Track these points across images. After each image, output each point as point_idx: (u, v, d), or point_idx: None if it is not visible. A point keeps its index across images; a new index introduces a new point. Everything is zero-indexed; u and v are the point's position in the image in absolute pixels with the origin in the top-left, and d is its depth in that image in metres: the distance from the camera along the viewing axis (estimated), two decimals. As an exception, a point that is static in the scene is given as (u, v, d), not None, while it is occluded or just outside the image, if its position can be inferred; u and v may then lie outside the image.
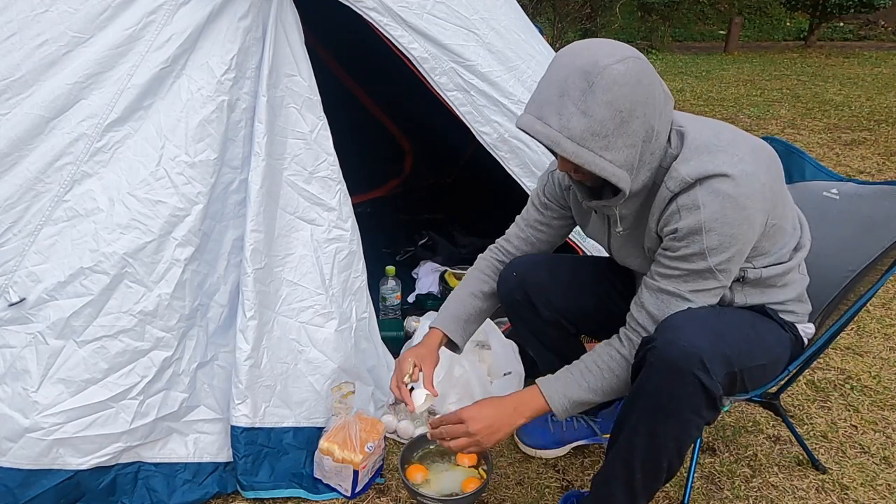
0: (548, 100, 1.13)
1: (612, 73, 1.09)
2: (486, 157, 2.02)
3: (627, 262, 1.44)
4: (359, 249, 1.82)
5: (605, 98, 1.09)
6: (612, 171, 1.14)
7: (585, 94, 1.09)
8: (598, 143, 1.12)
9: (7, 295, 1.48)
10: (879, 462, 1.77)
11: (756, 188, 1.16)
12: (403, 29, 1.77)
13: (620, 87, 1.09)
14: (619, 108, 1.10)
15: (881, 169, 4.37)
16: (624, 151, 1.14)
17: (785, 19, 14.00)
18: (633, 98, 1.11)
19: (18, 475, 1.42)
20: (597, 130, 1.10)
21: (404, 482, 1.53)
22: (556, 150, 1.13)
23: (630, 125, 1.12)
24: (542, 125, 1.14)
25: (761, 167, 1.19)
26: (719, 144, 1.19)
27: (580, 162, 1.13)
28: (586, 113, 1.10)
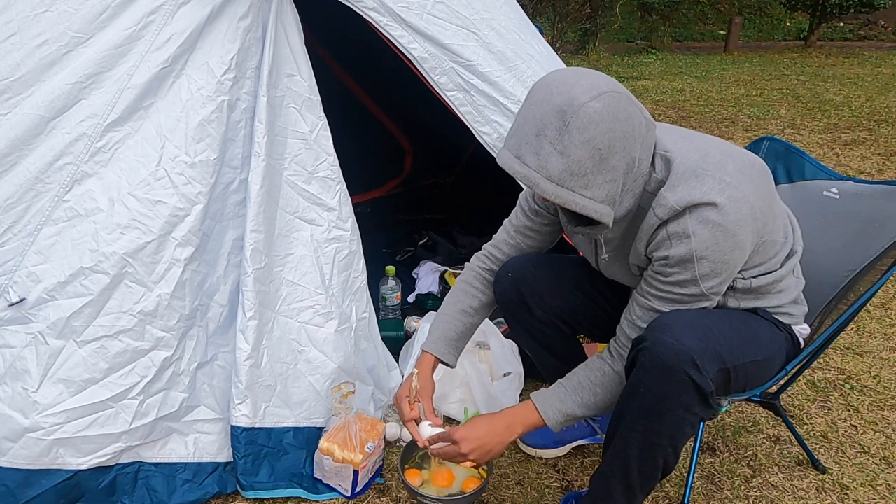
0: (525, 139, 1.12)
1: (589, 112, 1.07)
2: (486, 157, 2.02)
3: (616, 278, 1.45)
4: (359, 249, 1.82)
5: (581, 138, 1.07)
6: (592, 208, 1.13)
7: (562, 133, 1.08)
8: (577, 182, 1.10)
9: (7, 295, 1.48)
10: (879, 462, 1.77)
11: (745, 213, 1.16)
12: (403, 29, 1.77)
13: (597, 125, 1.08)
14: (598, 147, 1.08)
15: (881, 169, 4.37)
16: (604, 187, 1.13)
17: (785, 19, 14.00)
18: (610, 135, 1.09)
19: (18, 475, 1.42)
20: (575, 171, 1.09)
21: (404, 483, 1.53)
22: (536, 190, 1.12)
23: (609, 161, 1.11)
24: (520, 165, 1.13)
25: (749, 189, 1.18)
26: (706, 168, 1.18)
27: (559, 202, 1.13)
28: (563, 153, 1.08)
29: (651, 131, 1.19)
